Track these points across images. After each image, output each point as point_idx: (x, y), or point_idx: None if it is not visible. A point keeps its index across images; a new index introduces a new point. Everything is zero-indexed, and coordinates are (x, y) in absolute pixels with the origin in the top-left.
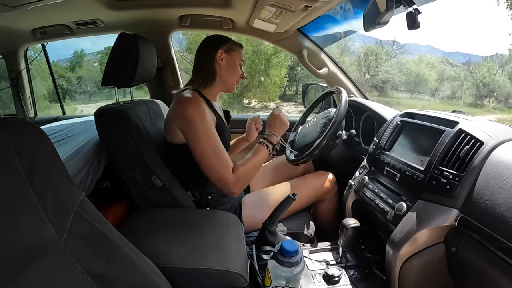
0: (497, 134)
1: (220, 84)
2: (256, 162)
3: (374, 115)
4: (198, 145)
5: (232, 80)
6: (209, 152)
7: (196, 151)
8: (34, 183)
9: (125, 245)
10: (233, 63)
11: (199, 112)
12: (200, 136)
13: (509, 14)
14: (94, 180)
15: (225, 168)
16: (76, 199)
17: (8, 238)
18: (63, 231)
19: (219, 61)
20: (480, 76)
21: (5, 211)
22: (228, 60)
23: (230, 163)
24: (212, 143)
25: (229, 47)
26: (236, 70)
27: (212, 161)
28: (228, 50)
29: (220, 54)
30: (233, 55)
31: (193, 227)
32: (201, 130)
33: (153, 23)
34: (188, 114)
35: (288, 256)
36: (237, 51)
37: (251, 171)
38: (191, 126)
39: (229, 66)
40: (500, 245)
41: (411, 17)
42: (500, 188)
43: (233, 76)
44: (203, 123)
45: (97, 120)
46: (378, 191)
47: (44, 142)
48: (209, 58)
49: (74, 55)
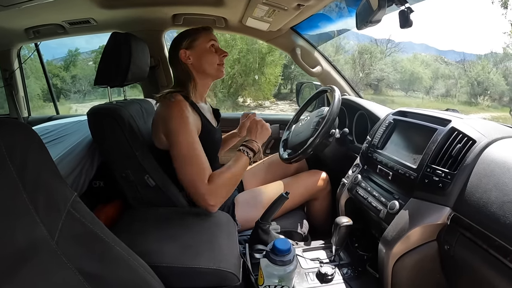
0: (490, 132)
1: (203, 78)
2: (235, 171)
3: (367, 113)
4: (174, 150)
5: (211, 68)
6: (184, 159)
7: (173, 155)
8: (26, 184)
9: (117, 245)
10: (202, 53)
11: (180, 115)
12: (177, 141)
13: (503, 13)
14: (87, 180)
15: (198, 177)
16: (68, 199)
17: (1, 238)
18: (55, 231)
19: (187, 61)
20: (474, 74)
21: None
22: (195, 54)
23: (207, 172)
24: (189, 149)
25: (189, 41)
26: (210, 57)
27: (186, 169)
28: (190, 45)
29: (183, 54)
30: (198, 45)
31: (186, 226)
32: (179, 134)
33: (146, 22)
34: (168, 118)
35: (281, 255)
36: (201, 37)
37: (230, 181)
38: (169, 131)
39: (199, 57)
40: (492, 243)
41: (404, 15)
42: (492, 186)
43: (210, 64)
44: (182, 127)
45: (90, 119)
46: (371, 189)
47: (35, 143)
48: (176, 62)
49: (68, 54)
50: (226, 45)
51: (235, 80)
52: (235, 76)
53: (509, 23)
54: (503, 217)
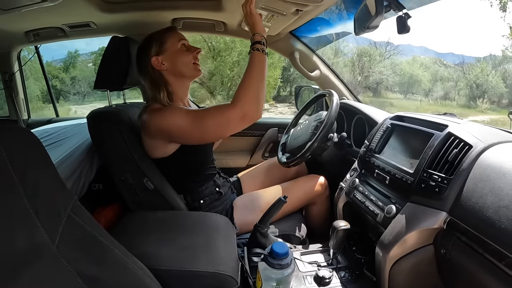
0: (486, 137)
1: (180, 81)
2: (256, 74)
3: (365, 117)
4: (187, 134)
5: (187, 68)
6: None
7: (190, 138)
8: (27, 188)
9: (116, 248)
10: (175, 55)
11: (164, 111)
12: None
13: (502, 16)
14: (86, 183)
15: (222, 114)
16: (68, 203)
17: (2, 242)
18: (55, 235)
19: (161, 67)
20: (473, 77)
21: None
22: (168, 57)
23: (223, 105)
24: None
25: (158, 46)
26: (183, 57)
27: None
28: (160, 50)
29: (155, 61)
30: (169, 48)
31: (184, 229)
32: (176, 120)
33: (146, 26)
34: (158, 124)
35: (278, 258)
36: (170, 39)
37: (253, 86)
38: (169, 129)
39: (173, 60)
40: (488, 247)
41: (401, 21)
42: (488, 191)
43: (185, 65)
44: (174, 114)
45: (90, 123)
46: (369, 193)
47: (36, 147)
48: (147, 72)
49: (68, 56)
50: (225, 48)
51: (234, 82)
52: (235, 79)
53: (508, 26)
54: (499, 222)
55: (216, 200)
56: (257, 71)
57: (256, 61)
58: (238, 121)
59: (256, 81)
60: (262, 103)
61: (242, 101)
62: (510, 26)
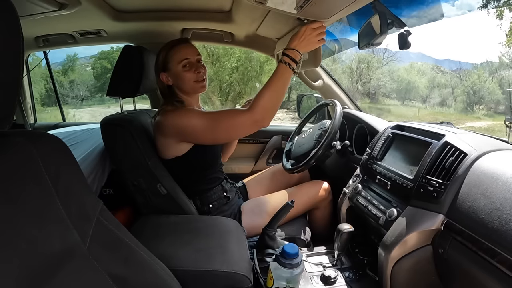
0: (480, 145)
1: (186, 94)
2: (276, 86)
3: (366, 126)
4: (201, 133)
5: (189, 87)
6: (213, 126)
7: (204, 138)
8: (59, 192)
9: (140, 249)
10: (178, 74)
11: (180, 111)
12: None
13: (498, 23)
14: (99, 187)
15: (237, 119)
16: (96, 206)
17: (40, 244)
18: (86, 237)
19: (168, 82)
20: (470, 84)
21: (37, 220)
22: (172, 75)
23: (237, 109)
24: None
25: (164, 63)
26: (185, 77)
27: (221, 127)
28: (166, 67)
29: (164, 77)
30: (172, 68)
31: (197, 232)
32: (191, 120)
33: (156, 35)
34: (171, 119)
35: (289, 258)
36: (173, 58)
37: (271, 97)
38: (184, 129)
39: (177, 79)
40: (481, 246)
41: (403, 38)
42: (481, 195)
43: (187, 83)
44: (189, 116)
45: (103, 129)
46: (371, 198)
47: (66, 154)
48: (159, 82)
49: (66, 59)
50: (224, 53)
51: (233, 88)
52: (233, 84)
53: (504, 34)
54: (491, 223)
55: (224, 204)
56: (276, 82)
57: (280, 73)
58: (249, 126)
59: (272, 90)
60: (275, 113)
61: (258, 108)
62: (506, 33)
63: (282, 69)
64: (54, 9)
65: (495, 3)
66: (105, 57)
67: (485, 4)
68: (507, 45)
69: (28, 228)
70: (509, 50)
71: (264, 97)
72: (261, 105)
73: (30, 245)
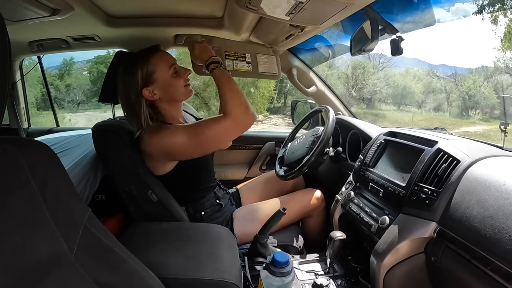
0: (473, 152)
1: (172, 105)
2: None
3: (359, 132)
4: (185, 151)
5: (179, 93)
6: (199, 140)
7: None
8: (47, 199)
9: (128, 257)
10: (167, 83)
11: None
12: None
13: (493, 29)
14: (91, 193)
15: (219, 125)
16: (84, 214)
17: (26, 251)
18: (73, 245)
19: (153, 97)
20: (465, 88)
21: (23, 227)
22: (159, 87)
23: (215, 117)
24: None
25: (146, 76)
26: (174, 84)
27: (206, 137)
28: (149, 81)
29: (147, 93)
30: (159, 77)
31: (188, 239)
32: (176, 138)
33: (149, 41)
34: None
35: (280, 267)
36: (159, 67)
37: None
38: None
39: (165, 89)
40: (474, 254)
41: (395, 44)
42: (474, 202)
43: (177, 90)
44: (173, 133)
45: (95, 135)
46: (363, 205)
47: (54, 161)
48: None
49: (63, 63)
50: None
51: None
52: None
53: (499, 39)
54: (484, 231)
55: (217, 211)
56: (226, 84)
57: (219, 77)
58: (233, 128)
59: (230, 91)
60: (248, 107)
61: (229, 109)
62: (501, 38)
63: (218, 73)
64: (47, 15)
65: (490, 9)
66: (101, 62)
67: (480, 9)
68: (502, 50)
69: (14, 235)
70: (504, 55)
71: (227, 99)
72: (230, 103)
73: (15, 253)
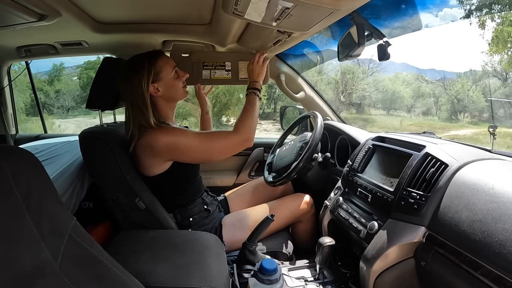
0: (461, 156)
1: (171, 103)
2: (251, 112)
3: (348, 138)
4: (189, 153)
5: (178, 93)
6: (203, 147)
7: (193, 158)
8: (31, 209)
9: (114, 266)
10: (170, 83)
11: (166, 130)
12: (184, 145)
13: (481, 33)
14: (78, 201)
15: (229, 140)
16: (68, 223)
17: (10, 262)
18: (58, 254)
19: (156, 94)
20: (454, 92)
21: (6, 237)
22: (163, 85)
23: (225, 131)
24: (198, 139)
25: (153, 74)
26: (176, 84)
27: (214, 146)
28: (156, 78)
29: (152, 89)
30: (164, 77)
31: (176, 248)
32: (180, 140)
33: (137, 47)
34: (164, 138)
35: (268, 274)
36: (165, 67)
37: (251, 121)
38: (171, 149)
39: (168, 88)
40: (464, 258)
41: (382, 49)
42: (463, 206)
43: (177, 90)
44: (177, 135)
45: (82, 142)
46: (352, 211)
47: (38, 170)
48: (137, 96)
49: (53, 68)
50: None
51: (219, 99)
52: (219, 96)
53: (487, 43)
54: (473, 235)
55: (205, 218)
56: (252, 109)
57: (252, 102)
58: (238, 145)
59: (251, 116)
60: (254, 132)
61: (242, 130)
62: (489, 42)
63: (252, 100)
64: (34, 20)
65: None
66: (91, 67)
67: (468, 14)
68: (490, 54)
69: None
70: (492, 59)
71: (246, 120)
72: (245, 126)
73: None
